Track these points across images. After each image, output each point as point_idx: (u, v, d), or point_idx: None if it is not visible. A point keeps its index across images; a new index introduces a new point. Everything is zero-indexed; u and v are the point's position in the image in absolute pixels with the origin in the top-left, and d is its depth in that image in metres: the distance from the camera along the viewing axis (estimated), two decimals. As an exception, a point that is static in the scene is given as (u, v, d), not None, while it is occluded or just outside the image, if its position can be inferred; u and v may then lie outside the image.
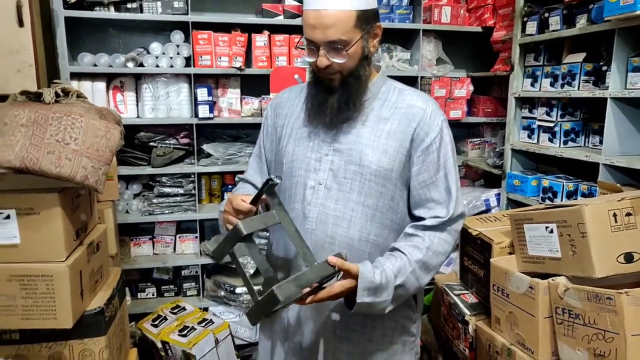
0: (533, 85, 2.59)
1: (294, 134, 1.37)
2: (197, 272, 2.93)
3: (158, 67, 2.68)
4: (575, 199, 2.25)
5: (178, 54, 2.71)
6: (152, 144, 2.78)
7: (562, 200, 2.33)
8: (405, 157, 1.30)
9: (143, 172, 2.76)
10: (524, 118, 2.70)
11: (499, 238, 1.89)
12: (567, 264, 1.54)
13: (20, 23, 2.15)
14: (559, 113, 2.46)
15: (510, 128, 2.73)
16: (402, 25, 2.96)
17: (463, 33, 3.11)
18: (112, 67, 2.64)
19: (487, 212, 2.86)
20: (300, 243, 1.21)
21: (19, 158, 1.33)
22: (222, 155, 2.83)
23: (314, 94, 1.32)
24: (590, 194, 2.19)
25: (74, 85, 2.54)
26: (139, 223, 2.89)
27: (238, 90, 2.90)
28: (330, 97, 1.28)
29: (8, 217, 1.40)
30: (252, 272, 2.77)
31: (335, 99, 1.27)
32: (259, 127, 1.53)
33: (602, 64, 2.24)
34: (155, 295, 2.91)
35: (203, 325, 2.48)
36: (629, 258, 1.46)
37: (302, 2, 1.24)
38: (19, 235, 1.41)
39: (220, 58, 2.74)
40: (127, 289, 2.78)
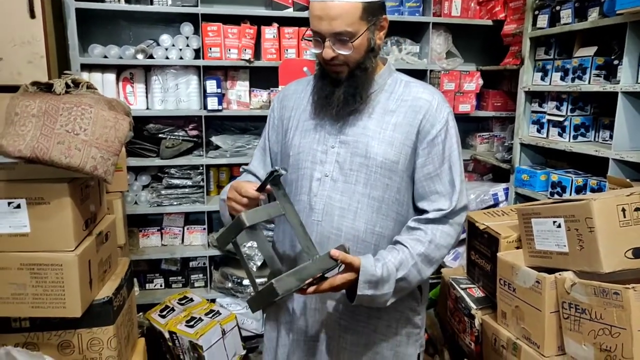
0: (543, 79, 2.57)
1: (300, 127, 1.38)
2: (204, 263, 2.95)
3: (168, 58, 2.69)
4: (584, 194, 2.23)
5: (187, 46, 2.72)
6: (161, 136, 2.80)
7: (571, 195, 2.31)
8: (411, 149, 1.30)
9: (152, 163, 2.78)
10: (534, 112, 2.68)
11: (506, 232, 1.88)
12: (574, 259, 1.54)
13: (32, 15, 2.17)
14: (569, 107, 2.44)
15: (520, 122, 2.72)
16: (411, 18, 2.94)
17: (473, 26, 3.09)
18: (122, 58, 2.65)
19: (495, 206, 2.84)
20: (304, 235, 1.21)
21: (30, 148, 1.35)
22: (230, 148, 2.84)
23: (321, 87, 1.32)
24: (600, 189, 2.18)
25: (85, 77, 2.56)
26: (148, 214, 2.92)
27: (247, 83, 2.90)
28: (337, 89, 1.28)
29: (19, 206, 1.42)
30: (259, 264, 2.79)
31: (342, 91, 1.27)
32: (267, 119, 1.53)
33: (613, 58, 2.21)
34: (163, 286, 2.94)
35: (210, 317, 2.50)
36: (637, 253, 1.45)
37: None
38: (29, 225, 1.43)
39: (230, 50, 2.74)
40: (135, 280, 2.81)
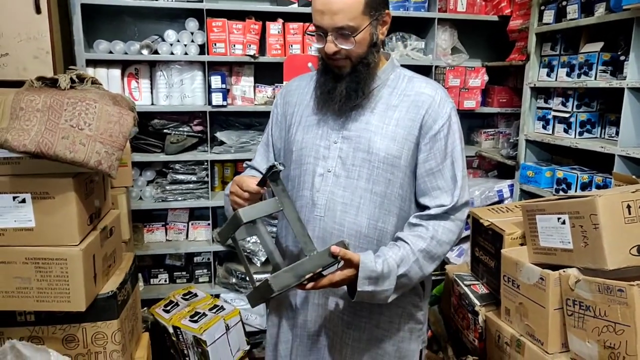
0: (549, 75, 2.55)
1: (303, 122, 1.37)
2: (209, 259, 2.95)
3: (172, 54, 2.69)
4: (590, 191, 2.22)
5: (192, 42, 2.72)
6: (165, 131, 2.80)
7: (576, 192, 2.30)
8: (414, 144, 1.29)
9: (157, 159, 2.79)
10: (539, 108, 2.67)
11: (511, 229, 1.87)
12: (578, 256, 1.53)
13: (38, 10, 2.17)
14: (575, 103, 2.43)
15: (525, 118, 2.70)
16: (417, 14, 2.93)
17: (479, 22, 3.07)
18: (127, 54, 2.66)
19: (499, 203, 2.83)
20: (302, 231, 1.21)
21: (35, 143, 1.35)
22: (235, 143, 2.84)
23: (323, 82, 1.32)
24: (605, 186, 2.16)
25: (90, 72, 2.57)
26: (152, 209, 2.92)
27: (252, 78, 2.90)
28: (339, 84, 1.28)
29: (24, 200, 1.42)
30: (263, 259, 2.80)
31: (344, 86, 1.27)
32: (272, 115, 1.53)
33: (620, 54, 2.20)
34: (168, 282, 2.95)
35: (214, 312, 2.51)
36: (642, 250, 1.45)
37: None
38: (34, 219, 1.43)
39: (234, 46, 2.74)
40: (139, 275, 2.82)
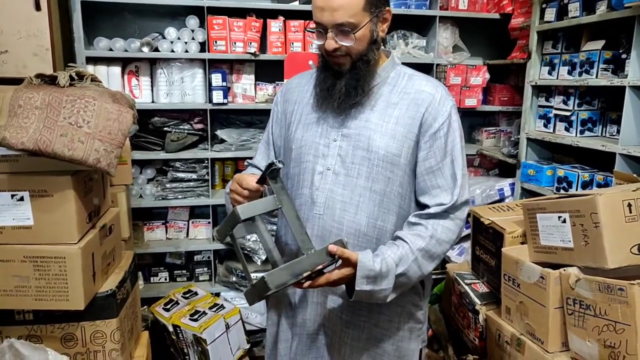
0: (550, 74, 2.54)
1: (303, 120, 1.37)
2: (209, 257, 2.95)
3: (173, 52, 2.69)
4: (591, 189, 2.21)
5: (193, 39, 2.72)
6: (166, 129, 2.80)
7: (577, 191, 2.29)
8: (414, 142, 1.28)
9: (157, 157, 2.79)
10: (541, 107, 2.66)
11: (511, 227, 1.86)
12: (579, 254, 1.52)
13: (37, 7, 2.16)
14: (576, 102, 2.42)
15: (526, 117, 2.69)
16: (418, 12, 2.92)
17: (480, 20, 3.06)
18: (127, 51, 2.65)
19: (501, 201, 2.82)
20: (300, 229, 1.21)
21: (33, 140, 1.35)
22: (235, 141, 2.83)
23: (323, 79, 1.31)
24: (606, 184, 2.15)
25: (90, 70, 2.56)
26: (153, 208, 2.93)
27: (252, 76, 2.90)
28: (339, 81, 1.27)
29: (22, 198, 1.42)
30: (264, 257, 2.79)
31: (344, 83, 1.27)
32: (272, 113, 1.52)
33: (621, 52, 2.19)
34: (168, 280, 2.95)
35: (214, 310, 2.51)
36: (643, 249, 1.44)
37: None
38: (33, 217, 1.42)
39: (235, 43, 2.73)
40: (139, 273, 2.82)
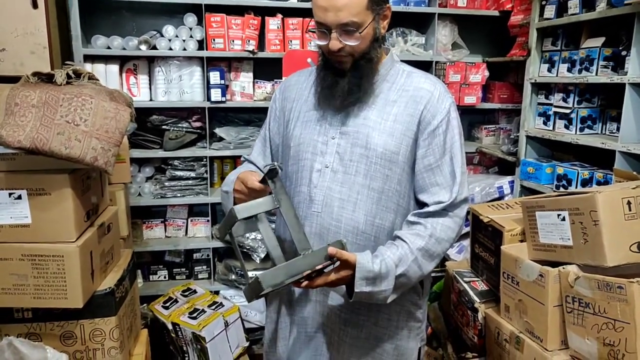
0: (550, 71, 2.54)
1: (302, 117, 1.36)
2: (208, 255, 2.95)
3: (171, 50, 2.68)
4: (590, 187, 2.20)
5: (191, 37, 2.71)
6: (164, 127, 2.79)
7: (576, 188, 2.28)
8: (412, 140, 1.28)
9: (155, 155, 2.78)
10: (540, 104, 2.65)
11: (510, 225, 1.86)
12: (578, 252, 1.52)
13: (35, 5, 2.15)
14: (576, 99, 2.41)
15: (526, 114, 2.68)
16: (417, 9, 2.90)
17: (480, 17, 3.05)
18: (125, 49, 2.64)
19: (500, 199, 2.82)
20: (297, 229, 1.21)
21: (30, 138, 1.34)
22: (234, 139, 2.82)
23: (324, 77, 1.30)
24: (606, 182, 2.15)
25: (88, 68, 2.56)
26: (152, 206, 2.92)
27: (251, 74, 2.89)
28: (341, 80, 1.27)
29: (19, 197, 1.41)
30: (262, 256, 2.79)
31: (346, 82, 1.26)
32: (271, 111, 1.51)
33: (621, 49, 2.18)
34: (167, 278, 2.94)
35: (213, 308, 2.50)
36: (643, 247, 1.43)
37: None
38: (30, 215, 1.42)
39: (233, 41, 2.72)
40: (139, 271, 2.81)
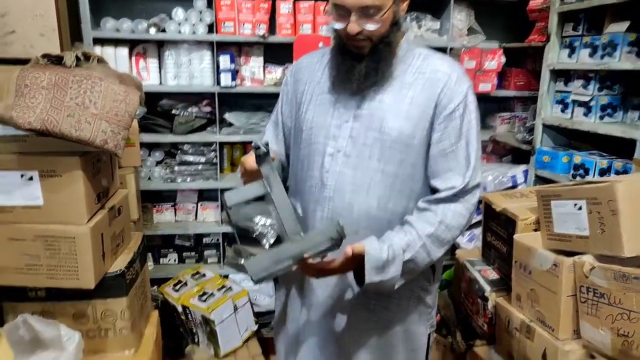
0: (570, 57, 2.45)
1: (314, 100, 1.34)
2: (218, 240, 2.95)
3: (180, 33, 2.65)
4: (609, 177, 2.16)
5: (201, 21, 2.67)
6: (174, 112, 2.77)
7: (594, 178, 2.24)
8: (428, 123, 1.25)
9: (165, 139, 2.77)
10: (558, 92, 2.58)
11: (524, 214, 1.83)
12: (594, 242, 1.49)
13: (44, -13, 2.14)
14: (597, 86, 2.34)
15: (543, 102, 2.62)
16: (432, -7, 2.85)
17: (497, 1, 2.97)
18: (134, 32, 2.62)
19: (513, 188, 2.78)
20: (288, 214, 1.17)
21: (40, 120, 1.34)
22: (244, 125, 2.80)
23: (340, 62, 1.27)
24: (625, 172, 2.10)
25: (97, 51, 2.54)
26: (162, 190, 2.92)
27: (261, 59, 2.85)
28: (358, 64, 1.24)
29: (31, 178, 1.42)
30: (272, 241, 2.78)
31: (364, 66, 1.23)
32: (282, 96, 1.49)
33: (646, 34, 2.11)
34: (177, 262, 2.96)
35: (222, 292, 2.52)
36: (662, 238, 1.40)
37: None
38: (42, 197, 1.43)
39: (244, 25, 2.69)
40: (149, 254, 2.83)
